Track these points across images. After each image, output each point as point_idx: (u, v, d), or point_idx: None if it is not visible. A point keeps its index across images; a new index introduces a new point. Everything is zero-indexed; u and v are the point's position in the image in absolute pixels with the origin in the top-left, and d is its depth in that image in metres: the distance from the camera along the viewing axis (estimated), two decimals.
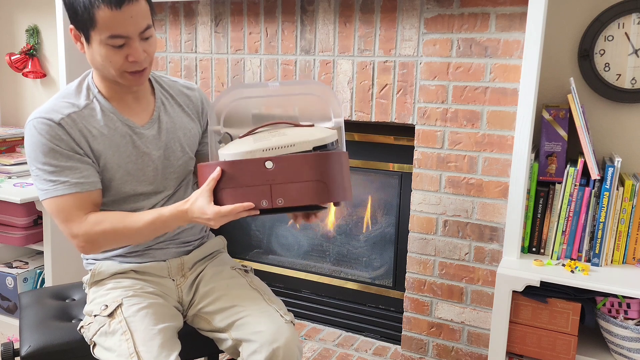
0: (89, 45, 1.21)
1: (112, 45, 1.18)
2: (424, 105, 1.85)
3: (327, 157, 1.16)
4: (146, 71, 1.26)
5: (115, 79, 1.24)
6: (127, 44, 1.19)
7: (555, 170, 1.66)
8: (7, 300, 2.30)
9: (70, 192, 1.22)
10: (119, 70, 1.22)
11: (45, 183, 1.23)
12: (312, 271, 2.32)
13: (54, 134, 1.22)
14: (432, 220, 1.90)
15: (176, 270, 1.38)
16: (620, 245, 1.60)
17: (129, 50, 1.19)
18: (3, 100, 2.81)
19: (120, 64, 1.20)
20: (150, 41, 1.23)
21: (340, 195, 1.18)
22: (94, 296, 1.31)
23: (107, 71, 1.23)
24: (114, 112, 1.30)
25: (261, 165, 1.14)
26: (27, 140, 1.24)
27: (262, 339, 1.19)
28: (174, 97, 1.42)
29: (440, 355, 1.97)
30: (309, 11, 1.97)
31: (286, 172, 1.14)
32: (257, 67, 2.10)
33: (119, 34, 1.16)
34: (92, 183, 1.25)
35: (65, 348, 1.31)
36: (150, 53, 1.24)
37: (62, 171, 1.22)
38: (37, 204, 2.15)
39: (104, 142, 1.27)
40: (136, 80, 1.25)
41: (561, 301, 1.52)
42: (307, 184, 1.14)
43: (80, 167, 1.24)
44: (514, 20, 1.67)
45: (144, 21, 1.19)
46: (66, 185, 1.22)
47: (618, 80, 1.68)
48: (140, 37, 1.20)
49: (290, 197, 1.14)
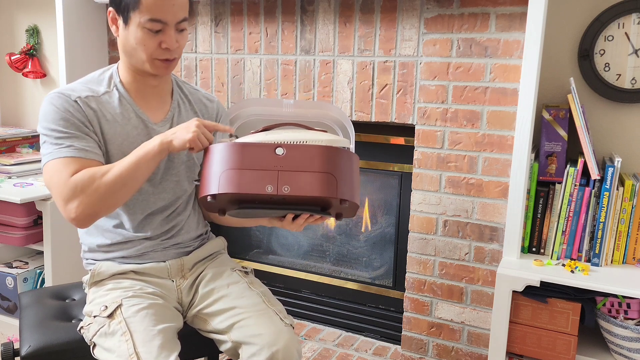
0: (125, 27, 1.24)
1: (149, 29, 1.22)
2: (424, 105, 1.84)
3: (338, 151, 1.15)
4: (174, 62, 1.29)
5: (143, 65, 1.27)
6: (163, 30, 1.23)
7: (555, 170, 1.66)
8: (7, 300, 2.30)
9: (72, 156, 1.22)
10: (150, 55, 1.25)
11: (50, 146, 1.23)
12: (312, 271, 2.32)
13: (67, 106, 1.25)
14: (432, 220, 1.90)
15: (176, 271, 1.38)
16: (620, 245, 1.60)
17: (164, 37, 1.23)
18: (3, 100, 2.81)
19: (153, 49, 1.24)
20: (183, 34, 1.28)
21: (348, 193, 1.15)
22: (94, 296, 1.31)
23: (137, 56, 1.26)
24: (131, 103, 1.33)
25: (272, 151, 1.13)
26: (42, 111, 1.26)
27: (262, 342, 1.19)
28: (191, 103, 1.45)
29: (440, 355, 1.97)
30: (309, 11, 1.97)
31: (296, 160, 1.12)
32: (257, 67, 2.10)
33: (159, 19, 1.21)
34: (96, 154, 1.26)
35: (65, 348, 1.30)
36: (181, 45, 1.28)
37: (69, 137, 1.23)
38: (37, 204, 2.15)
39: (116, 128, 1.30)
40: (164, 69, 1.28)
41: (561, 301, 1.52)
42: (316, 174, 1.12)
43: (86, 138, 1.25)
44: (514, 20, 1.67)
45: (182, 12, 1.25)
46: (70, 149, 1.22)
47: (618, 80, 1.68)
48: (176, 27, 1.24)
49: (297, 186, 1.12)
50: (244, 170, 1.12)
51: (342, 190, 1.14)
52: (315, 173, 1.12)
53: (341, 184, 1.14)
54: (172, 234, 1.39)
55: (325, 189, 1.12)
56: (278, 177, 1.12)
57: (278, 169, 1.12)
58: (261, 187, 1.11)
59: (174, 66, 1.31)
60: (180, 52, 1.30)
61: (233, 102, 2.17)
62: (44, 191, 2.16)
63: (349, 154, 1.18)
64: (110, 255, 1.36)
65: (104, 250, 1.36)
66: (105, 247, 1.36)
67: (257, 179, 1.12)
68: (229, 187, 1.12)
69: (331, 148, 1.15)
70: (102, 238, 1.36)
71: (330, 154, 1.14)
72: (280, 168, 1.12)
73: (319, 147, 1.14)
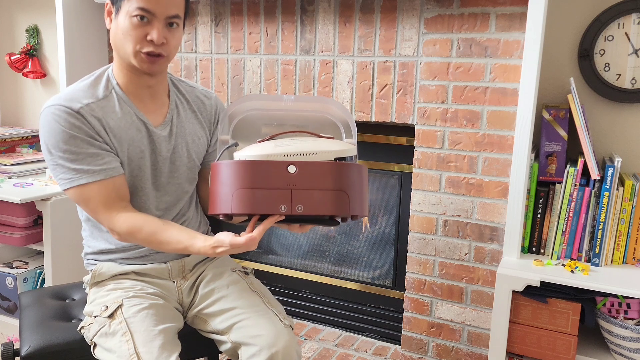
0: (116, 18, 1.23)
1: (136, 18, 1.20)
2: (424, 105, 1.84)
3: (350, 168, 1.15)
4: (161, 59, 1.25)
5: (130, 58, 1.24)
6: (150, 23, 1.21)
7: (555, 170, 1.66)
8: (7, 300, 2.30)
9: (94, 180, 1.22)
10: (134, 48, 1.22)
11: (68, 172, 1.22)
12: (312, 271, 2.32)
13: (72, 122, 1.22)
14: (432, 220, 1.90)
15: (177, 272, 1.38)
16: (620, 245, 1.60)
17: (150, 29, 1.21)
18: (3, 100, 2.81)
19: (138, 40, 1.21)
20: (173, 31, 1.25)
21: (358, 209, 1.15)
22: (95, 297, 1.31)
23: (124, 48, 1.23)
24: (130, 105, 1.31)
25: (284, 169, 1.11)
26: (45, 128, 1.23)
27: (261, 343, 1.19)
28: (189, 102, 1.42)
29: (440, 355, 1.97)
30: (309, 11, 1.97)
31: (309, 178, 1.11)
32: (257, 67, 2.10)
33: (146, 8, 1.19)
34: (115, 169, 1.25)
35: (66, 348, 1.30)
36: (170, 43, 1.24)
37: (84, 159, 1.22)
38: (37, 204, 2.15)
39: (121, 134, 1.28)
40: (149, 63, 1.24)
41: (561, 301, 1.52)
42: (329, 192, 1.11)
43: (101, 154, 1.24)
44: (514, 20, 1.67)
45: (174, 8, 1.22)
46: (89, 173, 1.22)
47: (618, 80, 1.68)
48: (165, 22, 1.22)
49: (310, 205, 1.11)
50: (256, 189, 1.11)
51: (353, 207, 1.14)
52: (328, 191, 1.11)
53: (352, 200, 1.14)
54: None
55: (339, 208, 1.12)
56: (291, 197, 1.11)
57: (291, 187, 1.11)
58: (275, 207, 1.10)
59: (161, 64, 1.27)
60: (168, 51, 1.25)
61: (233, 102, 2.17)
62: (44, 191, 2.16)
63: (359, 168, 1.17)
64: (112, 256, 1.36)
65: (106, 252, 1.36)
66: (108, 250, 1.36)
67: (270, 199, 1.10)
68: (242, 207, 1.11)
69: (343, 165, 1.14)
70: (106, 243, 1.35)
71: (342, 171, 1.13)
72: (293, 186, 1.11)
73: (330, 164, 1.13)
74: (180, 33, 1.29)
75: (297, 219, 1.16)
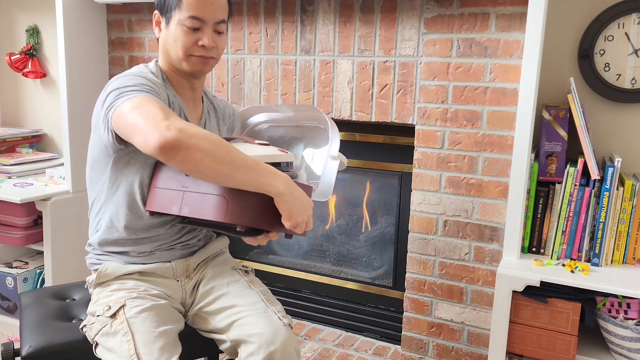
0: (167, 27, 1.31)
1: (188, 27, 1.27)
2: (424, 105, 1.85)
3: None
4: (211, 62, 1.33)
5: (180, 63, 1.31)
6: (201, 29, 1.28)
7: (555, 170, 1.66)
8: (7, 300, 2.30)
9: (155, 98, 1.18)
10: (186, 52, 1.29)
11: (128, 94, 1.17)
12: (312, 271, 2.32)
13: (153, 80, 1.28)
14: (432, 220, 1.90)
15: (181, 271, 1.39)
16: (620, 245, 1.60)
17: (201, 35, 1.29)
18: (3, 100, 2.81)
19: (190, 45, 1.29)
20: (221, 36, 1.33)
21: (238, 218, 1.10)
22: (98, 297, 1.31)
23: (175, 53, 1.30)
24: (177, 99, 1.36)
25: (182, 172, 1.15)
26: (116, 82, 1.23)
27: (260, 341, 1.20)
28: (216, 110, 1.50)
29: (440, 355, 1.97)
30: (309, 11, 1.97)
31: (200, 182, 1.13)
32: (257, 67, 2.10)
33: (197, 16, 1.27)
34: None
35: (66, 348, 1.31)
36: (218, 47, 1.33)
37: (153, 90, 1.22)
38: (37, 204, 2.15)
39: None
40: (200, 64, 1.31)
41: (561, 301, 1.52)
42: (210, 197, 1.12)
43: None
44: (514, 20, 1.67)
45: (221, 14, 1.31)
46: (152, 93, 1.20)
47: (618, 80, 1.68)
48: (213, 28, 1.30)
49: (194, 208, 1.14)
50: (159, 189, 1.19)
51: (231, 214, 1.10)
52: (210, 195, 1.12)
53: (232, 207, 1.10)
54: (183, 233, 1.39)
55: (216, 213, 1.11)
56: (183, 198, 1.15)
57: (184, 190, 1.15)
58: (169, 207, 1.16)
59: (211, 66, 1.35)
60: (217, 54, 1.33)
61: (233, 102, 2.17)
62: (44, 191, 2.16)
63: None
64: (117, 249, 1.34)
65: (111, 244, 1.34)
66: (112, 244, 1.34)
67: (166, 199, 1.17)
68: (150, 205, 1.24)
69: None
70: (111, 236, 1.34)
71: None
72: (186, 189, 1.15)
73: None
74: (226, 36, 1.37)
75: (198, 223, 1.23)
